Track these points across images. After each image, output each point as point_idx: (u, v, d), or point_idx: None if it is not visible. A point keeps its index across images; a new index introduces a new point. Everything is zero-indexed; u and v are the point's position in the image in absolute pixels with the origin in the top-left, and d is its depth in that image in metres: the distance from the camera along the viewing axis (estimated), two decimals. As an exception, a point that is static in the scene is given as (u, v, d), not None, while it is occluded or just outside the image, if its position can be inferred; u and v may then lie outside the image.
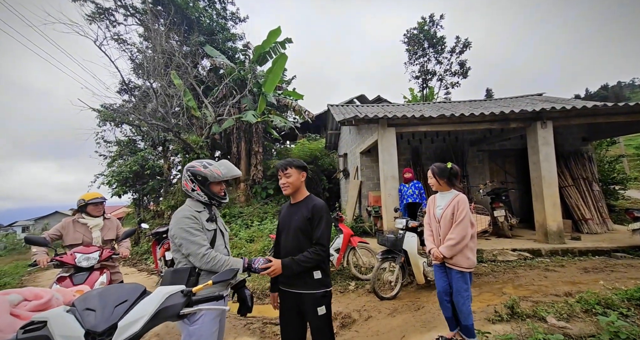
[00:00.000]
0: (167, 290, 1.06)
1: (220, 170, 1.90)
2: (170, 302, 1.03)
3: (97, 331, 0.85)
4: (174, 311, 1.03)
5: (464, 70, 18.14)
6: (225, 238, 1.98)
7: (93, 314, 0.89)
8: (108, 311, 0.90)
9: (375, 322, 3.32)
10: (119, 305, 0.93)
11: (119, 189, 11.98)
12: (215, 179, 1.86)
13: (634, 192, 10.96)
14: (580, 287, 3.75)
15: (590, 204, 7.09)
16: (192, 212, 1.78)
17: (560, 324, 2.74)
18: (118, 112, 11.27)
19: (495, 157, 8.32)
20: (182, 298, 1.07)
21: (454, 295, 2.54)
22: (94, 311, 0.89)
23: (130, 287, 1.04)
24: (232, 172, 1.97)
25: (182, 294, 1.08)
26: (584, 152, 7.82)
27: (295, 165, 1.99)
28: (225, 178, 1.92)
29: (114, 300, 0.94)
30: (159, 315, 0.98)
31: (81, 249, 2.72)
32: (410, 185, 5.76)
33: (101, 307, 0.91)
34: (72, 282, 2.50)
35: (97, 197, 3.02)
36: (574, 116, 5.88)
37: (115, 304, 0.93)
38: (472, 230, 2.54)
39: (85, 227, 2.94)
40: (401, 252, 3.94)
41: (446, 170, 2.67)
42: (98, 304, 0.92)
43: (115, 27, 12.51)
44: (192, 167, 1.87)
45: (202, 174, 1.84)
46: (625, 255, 5.19)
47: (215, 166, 1.91)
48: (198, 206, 1.85)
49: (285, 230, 2.04)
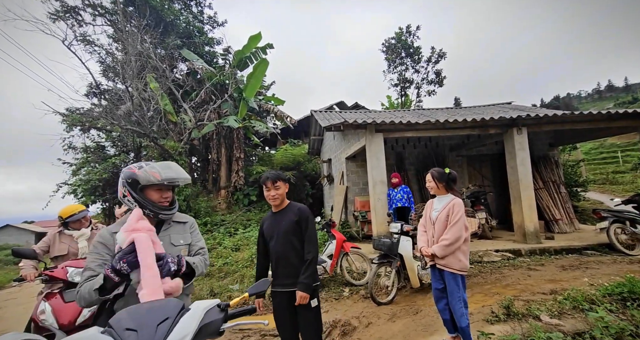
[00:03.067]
0: (204, 304, 0.98)
1: (158, 173, 1.48)
2: (209, 318, 0.95)
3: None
4: (215, 327, 0.96)
5: (439, 79, 19.05)
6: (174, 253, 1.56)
7: (135, 334, 0.79)
8: (151, 331, 0.81)
9: (376, 328, 3.29)
10: (161, 324, 0.84)
11: (86, 199, 11.16)
12: (147, 182, 1.46)
13: (593, 194, 11.96)
14: (563, 285, 3.97)
15: (560, 205, 7.60)
16: (102, 237, 1.44)
17: (554, 322, 2.87)
18: (87, 116, 10.54)
19: (473, 162, 8.72)
20: (220, 313, 0.99)
21: (449, 298, 2.58)
22: (135, 331, 0.80)
23: (168, 303, 0.94)
24: (173, 175, 1.52)
25: (219, 308, 1.01)
26: (552, 156, 8.41)
27: (283, 178, 2.19)
28: (164, 181, 1.49)
29: (154, 319, 0.85)
30: (200, 332, 0.90)
31: (73, 262, 2.47)
32: (398, 190, 5.86)
33: (143, 326, 0.82)
34: (62, 299, 2.27)
35: (74, 213, 2.78)
36: (546, 123, 6.31)
37: (157, 322, 0.84)
38: (466, 234, 2.61)
39: (71, 238, 2.70)
40: (397, 256, 3.97)
41: (445, 175, 2.74)
42: (138, 323, 0.83)
43: (83, 26, 11.81)
44: (125, 169, 1.53)
45: (133, 176, 1.47)
46: (594, 252, 5.60)
47: (154, 168, 1.51)
48: (123, 223, 1.44)
49: (275, 237, 2.17)
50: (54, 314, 2.24)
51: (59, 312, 2.25)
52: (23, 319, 4.86)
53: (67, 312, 2.26)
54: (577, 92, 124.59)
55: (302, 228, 2.13)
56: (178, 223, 1.64)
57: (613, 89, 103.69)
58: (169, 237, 1.55)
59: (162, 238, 1.50)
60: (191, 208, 9.31)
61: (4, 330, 4.38)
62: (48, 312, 2.25)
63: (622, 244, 5.36)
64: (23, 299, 6.43)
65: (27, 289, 7.68)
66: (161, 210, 1.51)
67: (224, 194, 11.34)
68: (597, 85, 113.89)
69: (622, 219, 5.50)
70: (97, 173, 10.69)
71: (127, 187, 1.48)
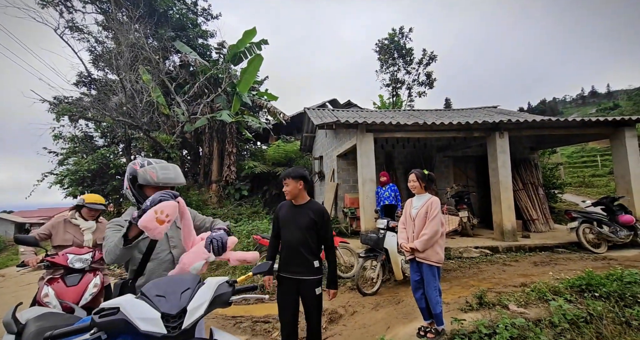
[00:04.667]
0: (216, 280, 1.17)
1: (155, 174, 1.55)
2: (220, 290, 1.14)
3: (172, 314, 0.95)
4: (225, 298, 1.14)
5: (430, 80, 19.48)
6: (173, 242, 1.70)
7: (164, 299, 0.98)
8: (176, 297, 1.00)
9: (360, 316, 3.55)
10: (184, 292, 1.03)
11: (73, 189, 11.04)
12: (145, 182, 1.54)
13: (569, 196, 12.58)
14: (533, 279, 4.31)
15: (537, 206, 8.05)
16: (118, 221, 1.60)
17: (520, 310, 3.17)
18: (77, 106, 10.40)
19: (458, 163, 9.08)
20: (228, 287, 1.18)
21: (425, 287, 2.84)
22: (164, 297, 0.99)
23: (189, 277, 1.14)
24: (169, 178, 1.58)
25: (227, 284, 1.20)
26: (532, 160, 8.85)
27: (292, 176, 2.37)
28: (159, 184, 1.55)
29: (178, 288, 1.04)
30: (214, 301, 1.09)
31: (73, 249, 2.62)
32: (386, 188, 6.11)
33: (170, 293, 1.01)
34: (65, 284, 2.42)
35: (97, 202, 2.93)
36: (526, 128, 6.68)
37: (180, 291, 1.03)
38: (442, 229, 2.88)
39: (77, 228, 2.81)
40: (382, 250, 4.23)
41: (425, 176, 3.00)
42: (166, 291, 1.02)
43: (72, 14, 11.54)
44: (130, 164, 1.63)
45: (134, 172, 1.57)
46: (564, 250, 6.02)
47: (154, 168, 1.57)
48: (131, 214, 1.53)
49: (290, 228, 2.39)
50: (56, 297, 2.39)
51: (61, 295, 2.39)
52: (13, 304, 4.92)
53: (69, 295, 2.41)
54: (563, 96, 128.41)
55: (318, 228, 2.35)
56: None
57: (596, 95, 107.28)
58: (174, 222, 1.65)
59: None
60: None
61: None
62: (51, 295, 2.39)
63: (589, 243, 5.79)
64: (11, 288, 6.43)
65: (12, 279, 7.64)
66: None
67: (215, 188, 11.41)
68: (581, 91, 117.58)
69: (591, 220, 5.92)
70: (85, 164, 10.58)
71: (128, 182, 1.59)
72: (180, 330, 0.93)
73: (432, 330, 2.82)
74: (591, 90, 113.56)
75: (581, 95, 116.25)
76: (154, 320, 0.91)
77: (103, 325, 0.88)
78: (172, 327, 0.92)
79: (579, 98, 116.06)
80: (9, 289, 6.47)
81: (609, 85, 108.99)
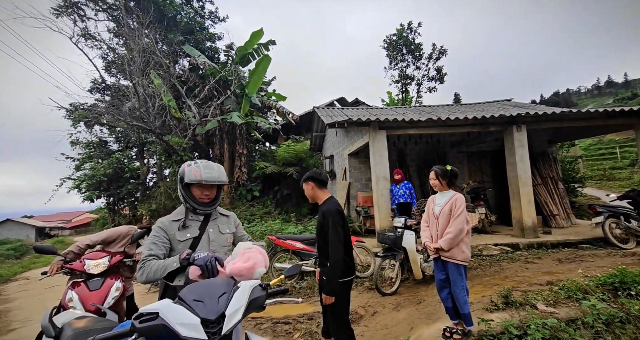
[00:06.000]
0: (250, 283, 1.14)
1: (199, 172, 1.63)
2: (255, 294, 1.11)
3: (211, 319, 0.92)
4: (259, 302, 1.12)
5: (440, 75, 19.13)
6: (214, 245, 1.72)
7: (202, 304, 0.96)
8: (214, 302, 0.98)
9: (382, 316, 3.48)
10: (220, 297, 1.01)
11: (90, 193, 11.32)
12: (189, 180, 1.62)
13: (590, 190, 12.16)
14: (558, 276, 4.16)
15: (557, 201, 7.79)
16: (162, 223, 1.65)
17: (550, 310, 3.05)
18: (92, 112, 10.64)
19: (473, 158, 8.87)
20: (262, 291, 1.15)
21: (452, 287, 2.75)
22: (201, 302, 0.97)
23: (223, 281, 1.11)
24: (212, 177, 1.64)
25: (260, 287, 1.16)
26: (550, 153, 8.57)
27: (303, 181, 2.47)
28: (202, 182, 1.62)
29: (215, 293, 1.02)
30: (249, 306, 1.06)
31: (91, 255, 2.67)
32: (401, 186, 6.01)
33: (207, 298, 0.99)
34: (87, 288, 2.47)
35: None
36: (545, 121, 6.46)
37: (218, 295, 1.01)
38: (468, 227, 2.78)
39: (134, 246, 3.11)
40: (400, 249, 4.15)
41: (447, 172, 2.90)
42: (203, 295, 0.99)
43: (85, 22, 11.80)
44: (182, 165, 1.73)
45: (182, 172, 1.67)
46: (589, 246, 5.79)
47: (199, 167, 1.65)
48: (179, 212, 1.71)
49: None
50: (80, 301, 2.42)
51: (85, 299, 2.43)
52: (41, 308, 5.05)
53: (92, 299, 2.44)
54: (577, 87, 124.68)
55: (325, 231, 2.29)
56: (223, 215, 1.86)
57: (612, 85, 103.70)
58: (217, 226, 1.76)
59: (212, 226, 1.73)
60: (196, 203, 9.44)
61: (27, 319, 4.57)
62: (75, 300, 2.43)
63: (616, 238, 5.56)
64: (37, 290, 6.62)
65: (35, 282, 7.87)
66: (199, 205, 1.68)
67: (226, 190, 11.48)
68: (597, 81, 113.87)
69: (617, 214, 5.68)
70: (101, 168, 10.82)
71: (178, 182, 1.70)
72: (220, 336, 0.92)
73: (459, 331, 2.73)
74: (607, 80, 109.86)
75: (597, 85, 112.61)
76: (194, 326, 0.89)
77: (143, 331, 0.87)
78: (211, 332, 0.91)
79: (594, 88, 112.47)
80: (35, 291, 6.67)
81: (626, 74, 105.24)
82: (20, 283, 8.29)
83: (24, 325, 4.36)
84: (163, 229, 1.61)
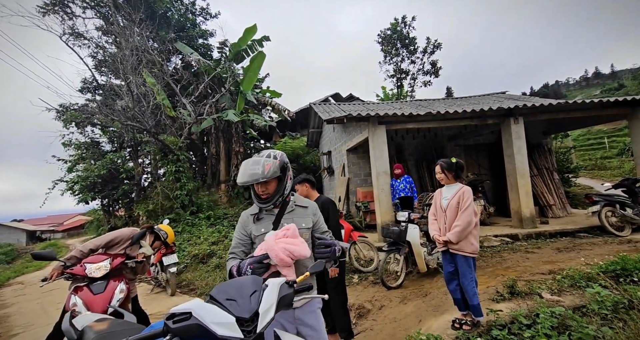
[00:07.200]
0: (277, 281, 1.13)
1: (239, 174, 1.61)
2: (283, 292, 1.10)
3: (246, 317, 0.91)
4: (288, 300, 1.11)
5: (435, 69, 19.17)
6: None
7: (235, 303, 0.95)
8: (247, 300, 0.97)
9: (389, 310, 3.51)
10: (252, 295, 0.99)
11: (85, 196, 11.12)
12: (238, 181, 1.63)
13: (583, 179, 12.40)
14: (560, 265, 4.23)
15: (553, 191, 7.92)
16: (245, 215, 1.69)
17: (555, 298, 3.10)
18: (84, 112, 10.40)
19: (470, 151, 8.94)
20: (289, 288, 1.14)
21: (461, 279, 2.77)
22: (234, 301, 0.95)
23: (252, 279, 1.10)
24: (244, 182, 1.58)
25: (287, 284, 1.15)
26: (545, 144, 8.69)
27: (298, 182, 2.82)
28: (239, 183, 1.62)
29: (246, 291, 1.01)
30: (279, 304, 1.05)
31: (91, 258, 2.63)
32: (401, 180, 6.04)
33: (239, 297, 0.97)
34: (91, 292, 2.43)
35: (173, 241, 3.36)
36: (541, 112, 6.53)
37: (249, 294, 1.00)
38: (476, 219, 2.79)
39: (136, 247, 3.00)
40: (405, 243, 4.17)
41: (453, 165, 2.91)
42: (235, 294, 0.98)
43: (72, 20, 11.47)
44: None
45: None
46: (586, 234, 5.91)
47: (241, 167, 1.63)
48: (256, 206, 1.71)
49: None
50: (85, 305, 2.38)
51: (89, 303, 2.39)
52: (41, 312, 4.97)
53: (97, 303, 2.40)
54: (565, 79, 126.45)
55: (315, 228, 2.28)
56: (300, 207, 1.74)
57: (600, 76, 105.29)
58: (292, 220, 1.66)
59: (287, 220, 1.64)
60: (194, 202, 9.38)
61: (28, 324, 4.49)
62: (80, 304, 2.38)
63: (612, 226, 5.68)
64: (34, 295, 6.51)
65: (32, 287, 7.74)
66: (259, 202, 1.63)
67: (224, 188, 11.42)
68: (585, 73, 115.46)
69: (613, 203, 5.80)
70: (95, 169, 10.62)
71: None
72: (255, 334, 0.91)
73: (468, 322, 2.77)
74: (595, 72, 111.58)
75: (585, 77, 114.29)
76: (230, 325, 0.88)
77: (178, 331, 0.85)
78: (247, 331, 0.90)
79: (582, 80, 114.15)
80: (32, 296, 6.56)
81: (612, 65, 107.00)
82: (15, 288, 8.15)
83: (26, 330, 4.28)
84: (242, 223, 1.66)
